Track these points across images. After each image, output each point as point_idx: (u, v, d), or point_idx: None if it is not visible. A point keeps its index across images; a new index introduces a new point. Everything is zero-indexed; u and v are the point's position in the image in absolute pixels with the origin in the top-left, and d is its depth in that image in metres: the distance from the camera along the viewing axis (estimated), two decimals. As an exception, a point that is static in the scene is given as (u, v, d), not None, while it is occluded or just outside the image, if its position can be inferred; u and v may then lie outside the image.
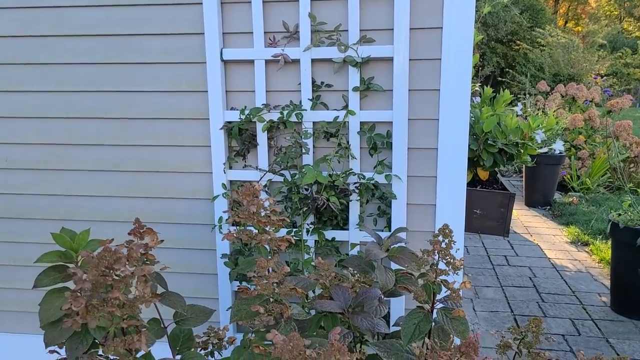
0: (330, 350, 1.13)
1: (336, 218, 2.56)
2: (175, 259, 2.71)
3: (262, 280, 1.46)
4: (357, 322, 1.64)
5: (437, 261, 1.50)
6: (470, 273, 4.75)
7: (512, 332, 1.63)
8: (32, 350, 2.93)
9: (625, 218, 3.70)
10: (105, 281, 1.08)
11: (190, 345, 1.80)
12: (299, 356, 1.11)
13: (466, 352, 1.14)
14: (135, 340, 1.09)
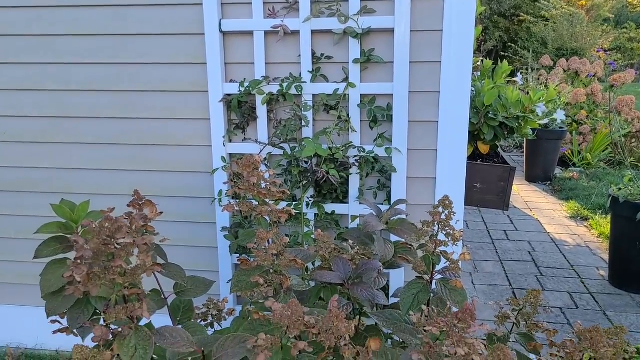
0: (329, 317, 1.14)
1: (336, 191, 2.56)
2: (175, 233, 2.72)
3: (261, 251, 1.47)
4: (357, 293, 1.65)
5: (437, 232, 1.50)
6: (470, 247, 4.78)
7: (510, 304, 1.64)
8: (32, 322, 2.96)
9: (626, 192, 3.71)
10: (107, 250, 1.08)
11: (191, 315, 1.82)
12: (297, 322, 1.13)
13: (463, 318, 1.15)
14: (137, 308, 1.10)
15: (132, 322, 1.19)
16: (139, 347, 1.16)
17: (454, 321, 1.17)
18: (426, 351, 1.15)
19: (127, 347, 1.15)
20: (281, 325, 1.13)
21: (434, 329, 1.16)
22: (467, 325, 1.16)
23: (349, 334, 1.15)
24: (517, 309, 1.65)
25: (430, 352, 1.15)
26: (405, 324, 1.50)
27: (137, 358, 1.15)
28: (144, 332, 1.18)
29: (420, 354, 1.14)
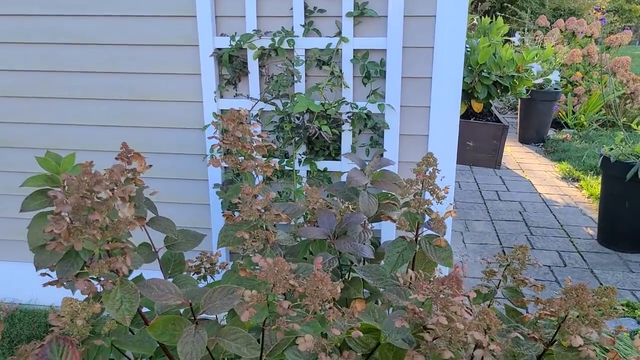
0: (312, 280, 1.12)
1: (328, 148, 2.52)
2: (167, 190, 2.69)
3: (246, 206, 1.43)
4: (341, 246, 1.63)
5: (421, 190, 1.47)
6: (462, 207, 4.78)
7: (497, 260, 1.63)
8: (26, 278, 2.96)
9: (617, 152, 3.68)
10: (86, 204, 1.05)
11: (182, 269, 1.80)
12: (283, 281, 1.10)
13: (449, 285, 1.13)
14: (120, 262, 1.08)
15: (117, 276, 1.16)
16: (124, 300, 1.14)
17: (440, 287, 1.15)
18: (410, 317, 1.13)
19: (112, 300, 1.13)
20: (267, 282, 1.11)
21: (420, 296, 1.14)
22: (453, 293, 1.14)
23: (334, 297, 1.13)
24: (505, 265, 1.63)
25: (414, 318, 1.13)
26: (392, 279, 1.48)
27: (123, 311, 1.13)
28: (129, 285, 1.15)
29: (404, 321, 1.12)
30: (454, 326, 1.11)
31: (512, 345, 1.29)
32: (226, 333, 1.28)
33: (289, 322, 1.15)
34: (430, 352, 1.16)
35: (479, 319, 1.19)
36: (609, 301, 1.18)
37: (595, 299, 1.23)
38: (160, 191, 2.62)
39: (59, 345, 1.01)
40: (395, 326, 1.12)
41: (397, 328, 1.13)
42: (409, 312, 1.11)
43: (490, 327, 1.19)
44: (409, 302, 1.12)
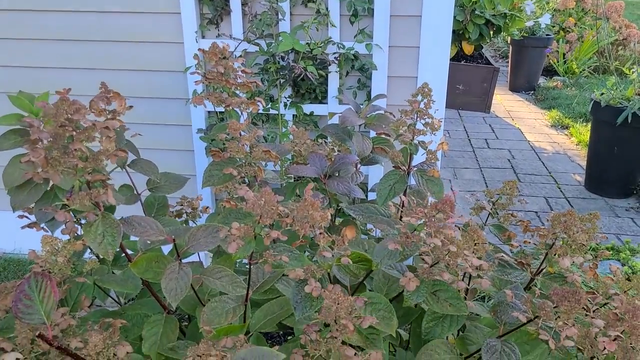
0: (303, 205, 1.11)
1: (314, 91, 2.48)
2: (150, 136, 2.64)
3: (234, 142, 1.41)
4: (333, 187, 1.63)
5: (415, 121, 1.46)
6: (451, 156, 4.79)
7: (486, 195, 1.64)
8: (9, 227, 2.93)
9: (608, 97, 3.68)
10: (65, 133, 1.02)
11: (165, 212, 1.79)
12: (271, 211, 1.09)
13: (442, 209, 1.13)
14: (102, 194, 1.06)
15: (99, 209, 1.15)
16: (106, 234, 1.12)
17: (433, 212, 1.15)
18: (403, 241, 1.13)
19: (94, 234, 1.12)
20: (254, 214, 1.10)
21: (413, 219, 1.13)
22: (447, 216, 1.14)
23: (324, 223, 1.13)
24: (493, 200, 1.64)
25: (407, 241, 1.13)
26: (382, 216, 1.48)
27: (106, 245, 1.12)
28: (111, 219, 1.14)
29: (397, 243, 1.12)
30: (449, 249, 1.12)
31: (498, 273, 1.31)
32: (211, 272, 1.28)
33: (277, 254, 1.15)
34: (427, 277, 1.17)
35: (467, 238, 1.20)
36: (593, 226, 1.20)
37: (582, 226, 1.24)
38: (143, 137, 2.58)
39: (37, 281, 1.00)
40: (387, 250, 1.13)
41: (389, 252, 1.13)
42: (402, 235, 1.11)
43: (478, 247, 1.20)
44: (402, 225, 1.12)
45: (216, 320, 1.17)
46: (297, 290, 1.13)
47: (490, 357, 1.10)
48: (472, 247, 1.24)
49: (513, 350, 1.11)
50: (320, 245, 1.10)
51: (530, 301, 1.09)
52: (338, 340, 1.03)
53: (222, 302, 1.21)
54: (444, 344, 1.23)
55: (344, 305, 1.01)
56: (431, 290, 1.25)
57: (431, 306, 1.22)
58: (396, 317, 1.30)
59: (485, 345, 1.13)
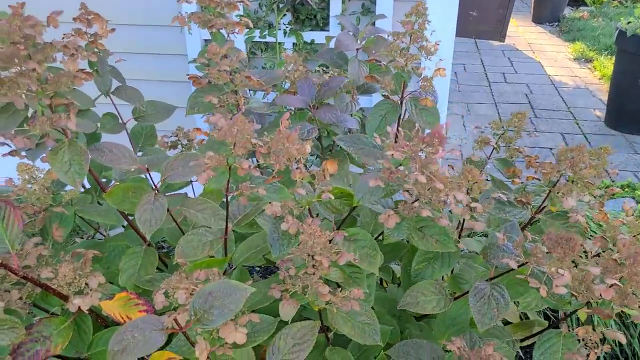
0: (277, 137, 1.04)
1: (315, 17, 2.35)
2: (142, 67, 2.55)
3: (213, 67, 1.32)
4: (321, 115, 1.54)
5: (408, 45, 1.35)
6: (465, 90, 4.63)
7: (492, 127, 1.54)
8: None
9: (634, 26, 3.46)
10: (19, 51, 0.95)
11: (153, 142, 1.73)
12: (243, 140, 1.03)
13: (430, 142, 1.05)
14: (64, 119, 0.99)
15: (66, 136, 1.09)
16: (73, 163, 1.07)
17: (420, 145, 1.07)
18: (385, 177, 1.06)
19: (60, 163, 1.06)
20: (228, 142, 1.03)
21: (397, 153, 1.05)
22: (435, 150, 1.06)
23: (302, 156, 1.06)
24: (499, 133, 1.55)
25: (390, 177, 1.06)
26: (373, 147, 1.41)
27: (73, 173, 1.06)
28: (78, 146, 1.08)
29: (378, 179, 1.05)
30: (433, 186, 1.05)
31: (496, 211, 1.24)
32: (193, 203, 1.23)
33: (253, 187, 1.09)
34: (409, 213, 1.11)
35: (461, 177, 1.13)
36: (602, 162, 1.11)
37: (591, 161, 1.16)
38: (136, 67, 2.50)
39: (1, 208, 0.96)
40: (368, 186, 1.06)
41: (370, 188, 1.07)
42: (384, 171, 1.04)
43: (473, 186, 1.13)
44: (385, 160, 1.04)
45: (191, 253, 1.13)
46: (274, 228, 1.08)
47: (477, 301, 1.05)
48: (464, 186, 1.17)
49: (502, 295, 1.06)
50: (296, 181, 1.03)
51: (522, 245, 1.02)
52: (315, 276, 0.98)
53: (199, 234, 1.17)
54: (432, 284, 1.18)
55: (320, 240, 0.96)
56: (417, 226, 1.19)
57: (416, 243, 1.17)
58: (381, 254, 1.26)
59: (473, 288, 1.08)
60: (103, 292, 1.07)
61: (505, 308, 1.07)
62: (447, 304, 1.17)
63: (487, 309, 1.07)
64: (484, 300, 1.08)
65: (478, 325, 1.05)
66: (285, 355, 0.95)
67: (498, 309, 1.07)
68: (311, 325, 0.97)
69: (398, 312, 1.35)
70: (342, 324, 1.07)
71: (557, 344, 1.09)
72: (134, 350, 0.83)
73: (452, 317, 1.23)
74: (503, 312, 1.07)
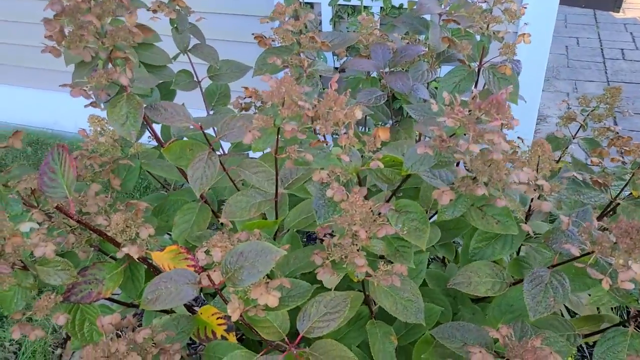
0: (325, 100, 1.00)
1: (404, -20, 2.26)
2: (222, 25, 2.58)
3: (279, 28, 1.31)
4: (393, 83, 1.48)
5: (491, 7, 1.25)
6: (575, 66, 4.28)
7: (580, 102, 1.41)
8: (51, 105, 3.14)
9: None
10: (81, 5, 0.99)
11: (226, 102, 1.76)
12: (290, 102, 1.01)
13: (487, 109, 0.96)
14: (118, 72, 1.03)
15: (125, 90, 1.13)
16: (129, 116, 1.11)
17: (477, 112, 0.99)
18: (436, 145, 0.99)
19: (117, 115, 1.10)
20: (273, 102, 1.02)
21: (449, 120, 0.98)
22: (492, 118, 0.98)
23: (351, 121, 1.02)
24: (588, 109, 1.41)
25: (441, 146, 0.98)
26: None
27: (128, 127, 1.10)
28: (135, 101, 1.11)
29: (427, 147, 0.98)
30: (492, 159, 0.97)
31: (570, 192, 1.13)
32: (248, 165, 1.24)
33: (301, 151, 1.07)
34: (466, 190, 1.03)
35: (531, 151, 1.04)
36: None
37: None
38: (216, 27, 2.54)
39: (59, 154, 1.02)
40: (417, 155, 1.00)
41: (419, 157, 1.01)
42: (435, 139, 0.98)
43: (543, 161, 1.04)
44: (436, 127, 0.98)
45: (238, 214, 1.13)
46: (320, 194, 1.06)
47: (533, 287, 0.97)
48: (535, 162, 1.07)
49: (562, 284, 0.97)
50: (342, 146, 1.00)
51: (589, 232, 0.92)
52: (354, 247, 0.95)
53: (249, 195, 1.18)
54: (488, 265, 1.10)
55: (361, 210, 0.92)
56: (477, 204, 1.12)
57: (474, 222, 1.10)
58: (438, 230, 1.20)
59: (530, 274, 1.00)
60: (154, 243, 1.11)
61: (564, 299, 0.98)
62: (503, 288, 1.10)
63: (543, 297, 0.99)
64: (540, 288, 1.00)
65: (530, 312, 0.98)
66: (315, 322, 0.94)
67: (555, 298, 0.98)
68: (345, 296, 0.95)
69: (453, 292, 1.29)
70: (383, 299, 1.03)
71: (622, 343, 1.00)
72: (165, 300, 0.85)
73: (509, 304, 1.16)
74: (560, 302, 0.98)
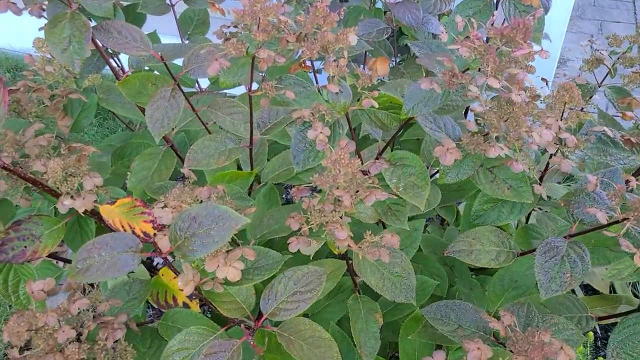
0: (311, 18, 0.83)
1: None
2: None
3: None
4: (400, 14, 1.30)
5: None
6: (602, 6, 4.00)
7: (610, 43, 1.22)
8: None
9: None
10: None
11: (205, 30, 1.57)
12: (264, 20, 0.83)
13: (511, 37, 0.79)
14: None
15: (69, 7, 0.95)
16: (73, 40, 0.93)
17: (497, 39, 0.82)
18: (445, 81, 0.82)
19: (58, 38, 0.93)
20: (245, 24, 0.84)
21: (463, 49, 0.81)
22: (516, 47, 0.81)
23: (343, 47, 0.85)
24: (618, 52, 1.23)
25: (450, 82, 0.81)
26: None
27: (71, 53, 0.93)
28: (81, 21, 0.93)
29: (434, 82, 0.81)
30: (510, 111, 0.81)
31: (594, 151, 0.97)
32: (221, 104, 1.07)
33: (280, 88, 0.90)
34: (474, 149, 0.88)
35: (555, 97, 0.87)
36: None
37: None
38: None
39: (-12, 85, 0.85)
40: (420, 92, 0.83)
41: (423, 96, 0.84)
42: (444, 73, 0.81)
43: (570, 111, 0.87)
44: (446, 57, 0.80)
45: (204, 162, 0.98)
46: (300, 136, 0.89)
47: (546, 260, 0.83)
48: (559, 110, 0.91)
49: (582, 258, 0.83)
50: (329, 76, 0.83)
51: (621, 195, 0.77)
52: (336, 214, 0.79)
53: (218, 141, 1.02)
54: (494, 232, 0.95)
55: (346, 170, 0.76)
56: (487, 165, 0.96)
57: (482, 187, 0.94)
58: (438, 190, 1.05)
59: (544, 243, 0.85)
60: (105, 194, 0.96)
61: (582, 275, 0.84)
62: (509, 259, 0.95)
63: (557, 272, 0.85)
64: (555, 261, 0.85)
65: (541, 290, 0.84)
66: (281, 303, 0.79)
67: (572, 274, 0.84)
68: (320, 272, 0.80)
69: (451, 260, 1.15)
70: (369, 273, 0.89)
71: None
72: (98, 271, 0.71)
73: (513, 279, 1.02)
74: (578, 279, 0.84)
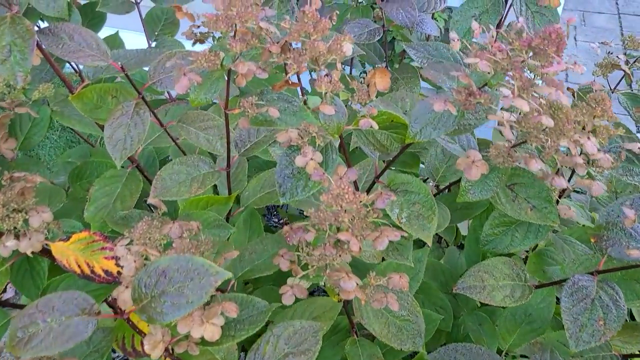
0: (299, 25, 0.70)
1: None
2: None
3: None
4: (392, 12, 1.19)
5: None
6: (582, -4, 3.96)
7: (627, 44, 1.13)
8: None
9: None
10: None
11: (174, 31, 1.44)
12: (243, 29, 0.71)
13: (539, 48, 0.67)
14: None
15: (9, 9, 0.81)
16: (14, 49, 0.79)
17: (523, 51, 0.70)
18: (461, 99, 0.70)
19: (-5, 44, 0.79)
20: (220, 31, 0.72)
21: (483, 63, 0.69)
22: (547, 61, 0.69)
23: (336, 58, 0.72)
24: (634, 56, 1.14)
25: (467, 102, 0.70)
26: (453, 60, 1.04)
27: (12, 64, 0.79)
28: (25, 26, 0.79)
29: (448, 102, 0.70)
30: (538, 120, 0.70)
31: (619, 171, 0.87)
32: (194, 118, 0.95)
33: (262, 104, 0.78)
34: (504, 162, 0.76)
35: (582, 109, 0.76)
36: None
37: None
38: None
39: None
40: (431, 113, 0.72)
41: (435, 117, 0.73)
42: (458, 90, 0.69)
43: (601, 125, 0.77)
44: (462, 73, 0.69)
45: (174, 191, 0.85)
46: (286, 160, 0.77)
47: (573, 304, 0.72)
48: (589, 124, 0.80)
49: (616, 302, 0.72)
50: (321, 93, 0.71)
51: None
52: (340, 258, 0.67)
53: (190, 165, 0.88)
54: (507, 264, 0.85)
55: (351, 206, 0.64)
56: (507, 182, 0.85)
57: (502, 206, 0.82)
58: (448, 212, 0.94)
59: (569, 284, 0.75)
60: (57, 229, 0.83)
61: (617, 323, 0.74)
62: (525, 296, 0.85)
63: (589, 318, 0.75)
64: (584, 305, 0.75)
65: (571, 341, 0.74)
66: (271, 368, 0.67)
67: (606, 322, 0.74)
68: (315, 327, 0.68)
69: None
70: (372, 319, 0.78)
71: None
72: (42, 343, 0.57)
73: (527, 312, 0.92)
74: (613, 327, 0.74)
